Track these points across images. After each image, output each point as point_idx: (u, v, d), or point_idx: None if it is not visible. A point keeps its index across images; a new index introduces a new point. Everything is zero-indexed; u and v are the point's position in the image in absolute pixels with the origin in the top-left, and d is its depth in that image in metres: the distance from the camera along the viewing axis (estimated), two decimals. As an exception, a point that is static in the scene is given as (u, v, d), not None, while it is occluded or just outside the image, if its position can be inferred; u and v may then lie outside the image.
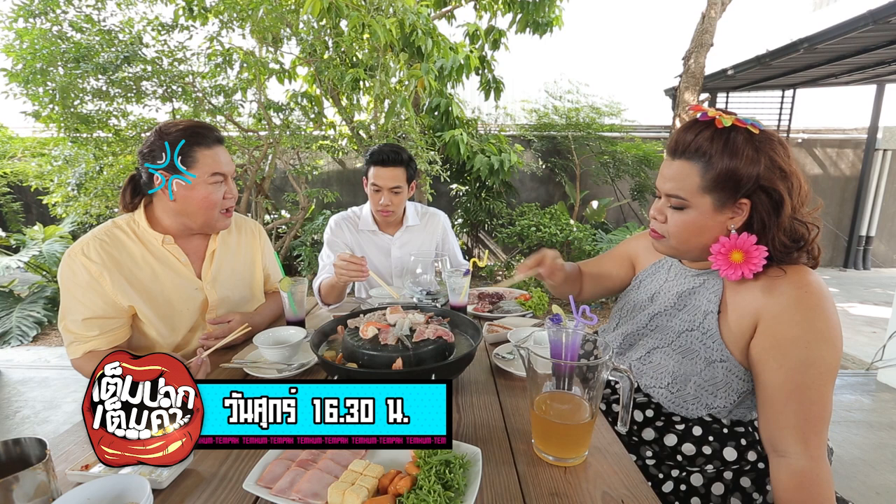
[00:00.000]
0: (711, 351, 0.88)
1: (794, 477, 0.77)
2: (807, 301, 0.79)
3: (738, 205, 0.82)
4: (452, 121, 4.57)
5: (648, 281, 1.08)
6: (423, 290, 1.55)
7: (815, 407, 0.78)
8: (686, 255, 0.93)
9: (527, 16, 4.24)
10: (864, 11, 3.52)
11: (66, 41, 3.00)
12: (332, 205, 5.30)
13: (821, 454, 0.78)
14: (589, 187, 6.09)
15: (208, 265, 1.30)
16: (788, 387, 0.79)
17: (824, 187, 6.50)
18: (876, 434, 2.37)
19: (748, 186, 0.80)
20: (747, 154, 0.78)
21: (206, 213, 1.20)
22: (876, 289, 5.43)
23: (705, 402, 0.88)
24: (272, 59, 3.62)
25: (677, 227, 0.87)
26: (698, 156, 0.81)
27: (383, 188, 1.76)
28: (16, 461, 0.63)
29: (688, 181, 0.82)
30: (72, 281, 1.12)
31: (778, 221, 0.80)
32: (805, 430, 0.78)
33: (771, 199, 0.80)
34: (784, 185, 0.79)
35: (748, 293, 0.85)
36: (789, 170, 0.80)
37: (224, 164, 1.20)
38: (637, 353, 1.00)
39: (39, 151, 4.00)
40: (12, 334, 3.56)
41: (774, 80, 5.44)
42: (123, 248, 1.18)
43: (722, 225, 0.83)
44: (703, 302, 0.91)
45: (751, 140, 0.79)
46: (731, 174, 0.79)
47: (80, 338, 1.13)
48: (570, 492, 0.70)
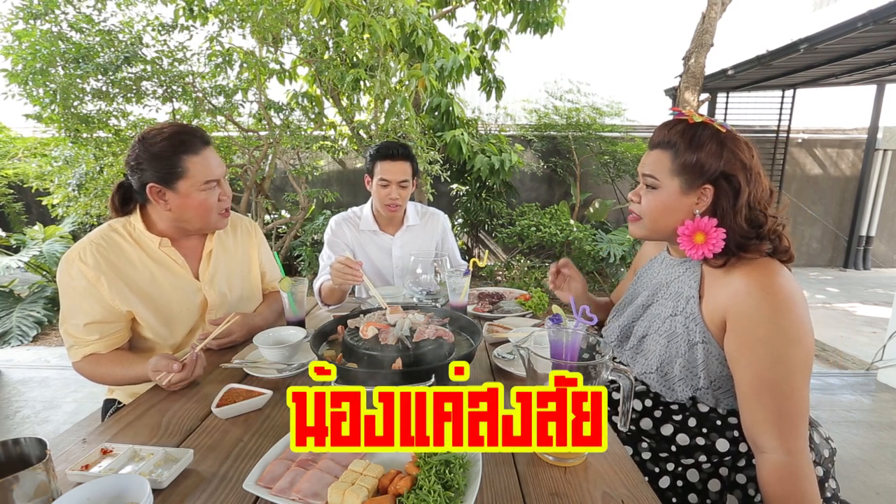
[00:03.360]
0: (693, 333, 0.92)
1: (773, 472, 0.81)
2: (772, 301, 0.83)
3: (703, 189, 0.91)
4: (453, 121, 4.57)
5: (645, 276, 1.14)
6: (423, 290, 1.55)
7: (788, 403, 0.81)
8: (658, 235, 1.00)
9: (527, 16, 4.24)
10: (865, 11, 3.52)
11: (65, 42, 3.00)
12: (332, 205, 5.30)
13: (798, 448, 0.81)
14: (589, 187, 6.09)
15: (206, 265, 1.30)
16: (759, 384, 0.83)
17: (824, 187, 6.50)
18: (876, 434, 2.37)
19: (711, 174, 0.89)
20: (711, 147, 0.89)
21: (204, 218, 1.21)
22: (876, 289, 5.43)
23: (690, 384, 0.93)
24: (272, 60, 3.62)
25: (650, 206, 0.97)
26: (670, 146, 0.93)
27: (392, 182, 1.77)
28: (16, 461, 0.63)
29: (660, 164, 0.94)
30: (70, 286, 1.12)
31: (735, 207, 0.88)
32: (780, 426, 0.81)
33: (731, 187, 0.89)
34: (743, 174, 0.89)
35: (722, 288, 0.89)
36: (749, 164, 0.90)
37: (215, 169, 1.19)
38: (631, 343, 1.06)
39: (41, 152, 4.00)
40: (12, 334, 3.56)
41: (774, 80, 5.43)
42: (121, 252, 1.17)
43: (688, 208, 0.93)
44: (686, 288, 0.97)
45: (716, 136, 0.90)
46: (696, 161, 0.90)
47: (81, 342, 1.13)
48: (570, 492, 0.70)
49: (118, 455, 0.76)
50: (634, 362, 1.03)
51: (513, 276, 5.05)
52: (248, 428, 0.88)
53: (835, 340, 3.72)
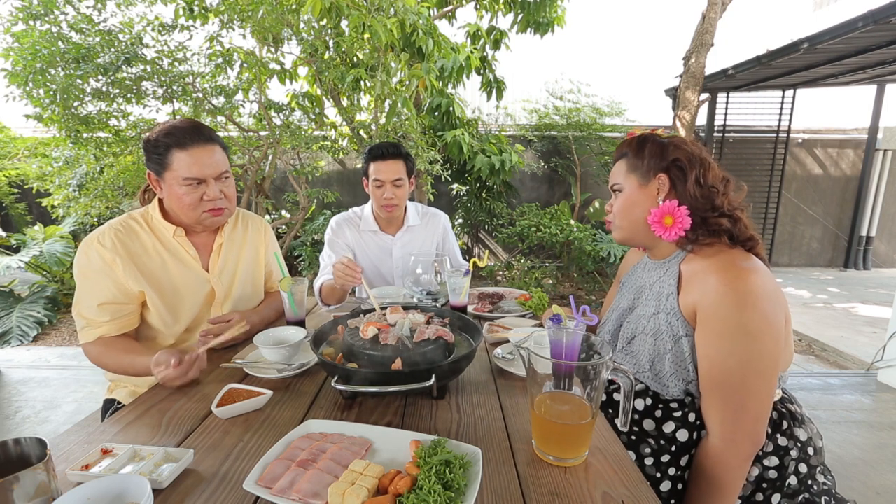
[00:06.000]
0: (676, 328, 0.96)
1: (707, 453, 0.91)
2: (735, 296, 0.87)
3: (658, 178, 1.01)
4: (453, 121, 4.57)
5: (628, 282, 1.20)
6: (423, 291, 1.55)
7: (735, 395, 0.86)
8: (632, 234, 1.09)
9: (528, 16, 4.24)
10: (865, 11, 3.52)
11: (65, 42, 3.00)
12: (332, 205, 5.30)
13: (735, 439, 0.87)
14: (589, 187, 6.09)
15: (216, 258, 1.34)
16: (713, 374, 0.89)
17: (824, 187, 6.50)
18: (876, 434, 2.37)
19: (660, 164, 1.01)
20: (653, 145, 1.04)
21: (188, 213, 1.23)
22: (876, 289, 5.43)
23: (682, 377, 0.96)
24: (273, 60, 3.62)
25: (618, 207, 1.09)
26: (623, 155, 1.10)
27: (385, 182, 1.77)
28: (16, 461, 0.63)
29: (619, 171, 1.10)
30: (87, 267, 1.17)
31: (686, 183, 0.99)
32: (724, 415, 0.88)
33: (679, 170, 1.00)
34: (687, 158, 1.00)
35: (697, 284, 0.94)
36: (693, 151, 1.01)
37: (202, 168, 1.18)
38: (620, 345, 1.11)
39: (41, 153, 4.00)
40: (12, 334, 3.57)
41: (775, 80, 5.43)
42: (136, 238, 1.23)
43: (651, 198, 1.03)
44: (665, 286, 1.02)
45: (657, 138, 1.05)
46: (643, 156, 1.04)
47: (93, 323, 1.17)
48: (570, 492, 0.70)
49: (118, 455, 0.76)
50: (627, 364, 1.07)
51: (513, 276, 5.05)
52: (248, 428, 0.88)
53: (835, 340, 3.71)
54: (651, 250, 1.11)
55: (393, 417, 0.92)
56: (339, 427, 0.84)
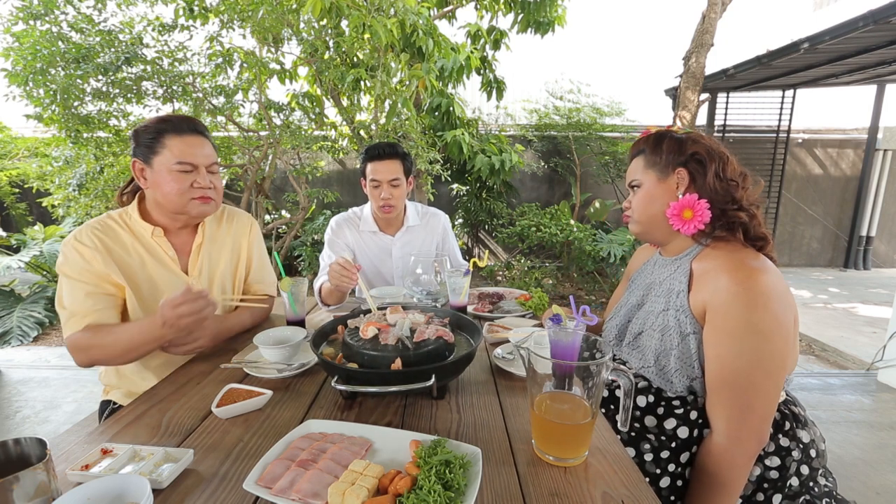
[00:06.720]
0: (685, 325, 0.97)
1: (711, 451, 0.90)
2: (747, 295, 0.87)
3: (677, 173, 1.02)
4: (453, 121, 4.57)
5: (639, 278, 1.19)
6: (423, 291, 1.55)
7: (743, 395, 0.86)
8: (650, 228, 1.09)
9: (528, 16, 4.24)
10: (865, 11, 3.52)
11: (66, 42, 3.00)
12: (332, 205, 5.30)
13: (740, 437, 0.87)
14: (589, 187, 6.09)
15: (195, 259, 1.33)
16: (721, 374, 0.89)
17: (824, 187, 6.50)
18: (876, 434, 2.37)
19: (678, 158, 1.02)
20: (671, 140, 1.04)
21: (176, 200, 1.21)
22: (876, 289, 5.43)
23: (686, 374, 0.97)
24: (273, 60, 3.62)
25: (637, 203, 1.09)
26: (640, 151, 1.10)
27: (382, 182, 1.77)
28: (16, 461, 0.63)
29: (636, 168, 1.10)
30: (66, 265, 1.16)
31: (706, 177, 0.99)
32: (730, 414, 0.88)
33: (698, 163, 1.00)
34: (705, 150, 1.00)
35: (708, 282, 0.94)
36: (711, 146, 1.02)
37: (195, 154, 1.21)
38: (627, 340, 1.12)
39: (42, 152, 4.00)
40: (13, 334, 3.57)
41: (775, 80, 5.43)
42: (116, 237, 1.23)
43: (669, 192, 1.03)
44: (676, 283, 1.02)
45: (674, 135, 1.05)
46: (661, 151, 1.05)
47: (79, 312, 1.13)
48: (570, 492, 0.70)
49: (118, 455, 0.76)
50: (632, 358, 1.08)
51: (513, 276, 5.05)
52: (248, 428, 0.88)
53: (835, 340, 3.71)
54: (665, 246, 1.11)
55: (393, 417, 0.92)
56: (339, 427, 0.84)
